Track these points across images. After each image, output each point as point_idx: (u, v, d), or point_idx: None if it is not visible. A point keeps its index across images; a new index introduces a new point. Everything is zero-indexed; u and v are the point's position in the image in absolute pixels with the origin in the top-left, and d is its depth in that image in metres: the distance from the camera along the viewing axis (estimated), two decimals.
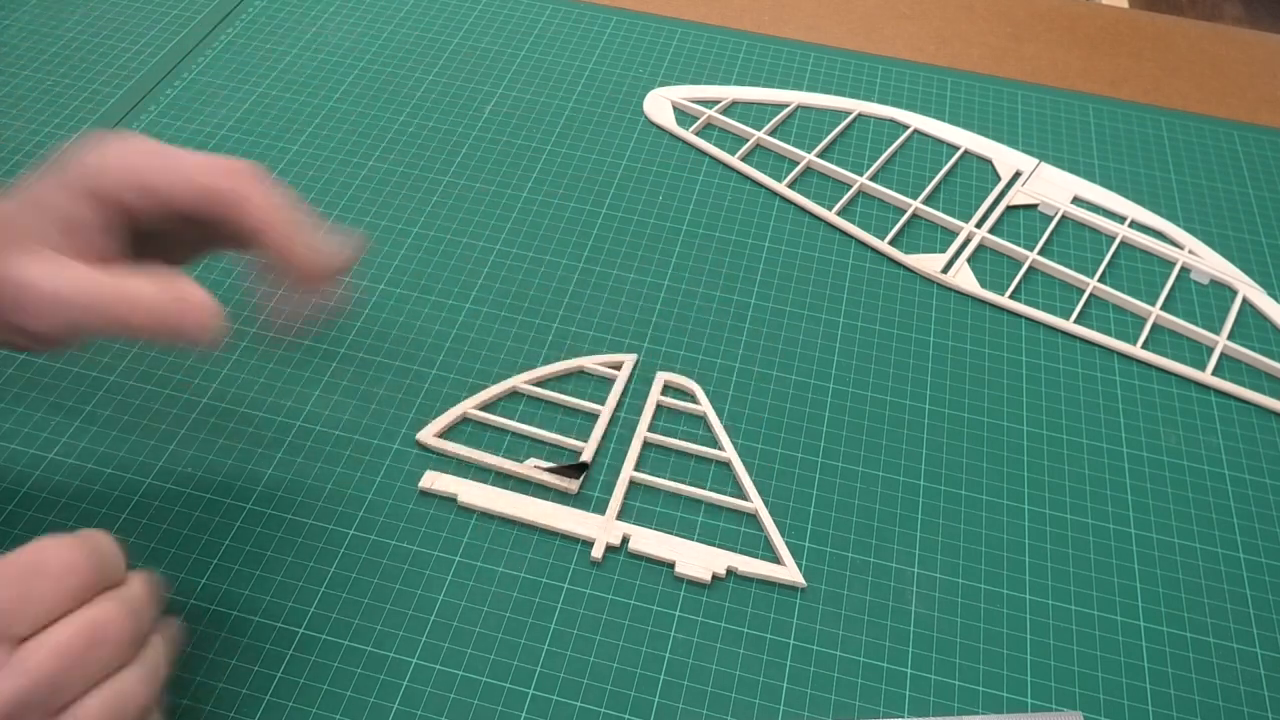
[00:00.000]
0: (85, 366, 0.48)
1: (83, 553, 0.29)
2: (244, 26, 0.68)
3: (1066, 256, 0.57)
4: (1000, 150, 0.63)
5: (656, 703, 0.39)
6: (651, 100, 0.65)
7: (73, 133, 0.60)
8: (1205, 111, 0.68)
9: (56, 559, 0.29)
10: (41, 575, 0.29)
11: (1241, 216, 0.60)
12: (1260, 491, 0.47)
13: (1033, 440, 0.49)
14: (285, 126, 0.61)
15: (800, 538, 0.44)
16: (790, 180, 0.60)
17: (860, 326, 0.53)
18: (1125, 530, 0.46)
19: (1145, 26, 0.75)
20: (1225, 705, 0.40)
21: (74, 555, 0.29)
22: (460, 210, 0.57)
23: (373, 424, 0.47)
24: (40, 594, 0.28)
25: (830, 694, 0.40)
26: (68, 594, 0.29)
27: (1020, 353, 0.52)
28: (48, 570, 0.29)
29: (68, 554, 0.29)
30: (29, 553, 0.29)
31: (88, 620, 0.29)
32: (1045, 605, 0.43)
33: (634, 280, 0.54)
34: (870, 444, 0.48)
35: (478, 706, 0.39)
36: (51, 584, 0.29)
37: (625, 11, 0.72)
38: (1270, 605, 0.43)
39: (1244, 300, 0.56)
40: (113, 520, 0.43)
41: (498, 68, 0.66)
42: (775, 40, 0.70)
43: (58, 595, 0.29)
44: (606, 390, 0.49)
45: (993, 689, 0.40)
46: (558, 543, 0.44)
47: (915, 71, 0.69)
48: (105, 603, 0.30)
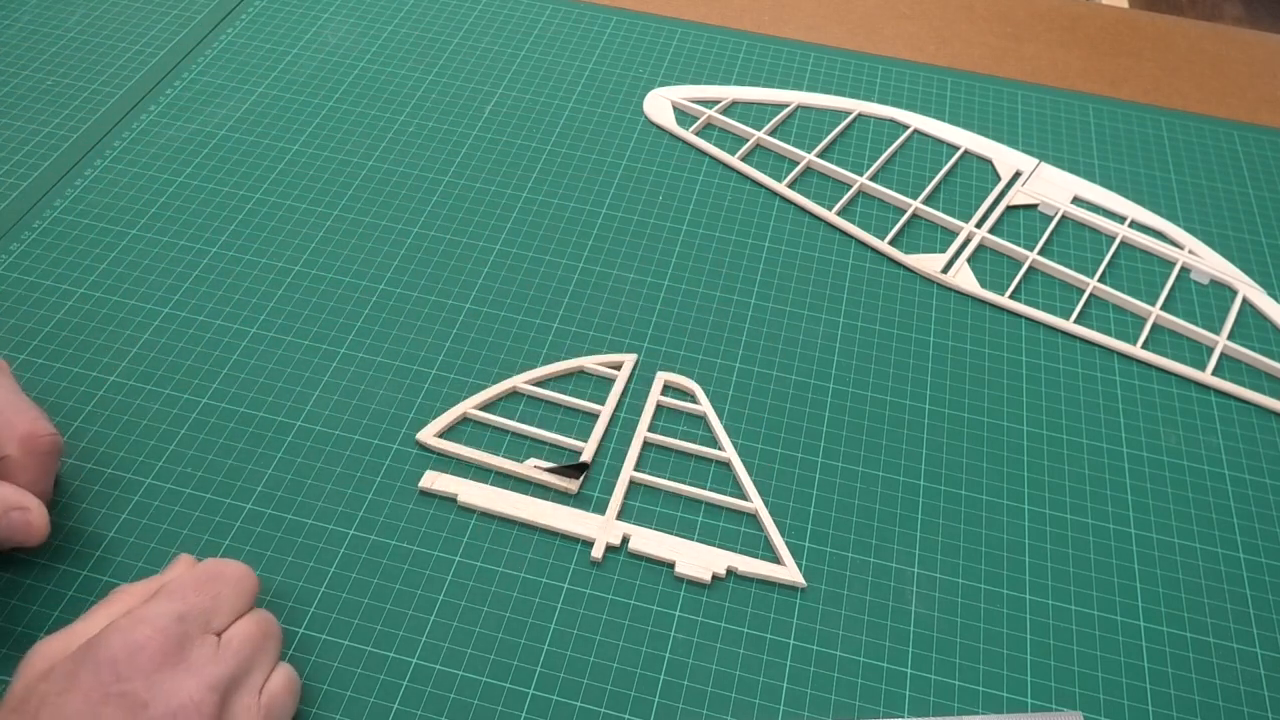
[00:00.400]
0: (85, 367, 0.48)
1: (245, 568, 0.38)
2: (244, 26, 0.68)
3: (1066, 256, 0.57)
4: (1000, 150, 0.63)
5: (656, 703, 0.39)
6: (651, 100, 0.65)
7: (73, 133, 0.60)
8: (1205, 111, 0.68)
9: (231, 571, 0.37)
10: (224, 582, 0.37)
11: (1241, 216, 0.60)
12: (1260, 491, 0.47)
13: (1033, 440, 0.49)
14: (285, 126, 0.61)
15: (800, 538, 0.44)
16: (790, 180, 0.60)
17: (860, 326, 0.53)
18: (1125, 530, 0.46)
19: (1145, 26, 0.75)
20: (1225, 705, 0.40)
21: (240, 568, 0.38)
22: (460, 210, 0.57)
23: (373, 424, 0.47)
24: (225, 597, 0.37)
25: (830, 694, 0.40)
26: (242, 597, 0.37)
27: (1020, 353, 0.52)
28: (227, 579, 0.37)
29: (236, 567, 0.38)
30: (210, 566, 0.37)
31: (261, 616, 0.37)
32: (1045, 605, 0.43)
33: (634, 280, 0.54)
34: (870, 444, 0.48)
35: (478, 706, 0.39)
36: (231, 589, 0.37)
37: (625, 11, 0.72)
38: (1270, 605, 0.43)
39: (1244, 300, 0.56)
40: (113, 520, 0.43)
41: (498, 68, 0.66)
42: (775, 40, 0.70)
43: (236, 598, 0.37)
44: (606, 390, 0.49)
45: (993, 689, 0.40)
46: (558, 543, 0.44)
47: (915, 71, 0.69)
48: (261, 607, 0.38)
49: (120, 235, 0.54)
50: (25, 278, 0.52)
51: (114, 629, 0.34)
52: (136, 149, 0.59)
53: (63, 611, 0.40)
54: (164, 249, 0.54)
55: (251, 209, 0.56)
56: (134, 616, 0.35)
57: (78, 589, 0.41)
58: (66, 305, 0.51)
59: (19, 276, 0.52)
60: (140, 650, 0.33)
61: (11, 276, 0.52)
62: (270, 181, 0.58)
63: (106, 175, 0.57)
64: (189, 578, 0.37)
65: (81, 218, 0.55)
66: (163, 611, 0.35)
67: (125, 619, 0.35)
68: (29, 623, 0.40)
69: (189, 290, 0.52)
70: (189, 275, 0.53)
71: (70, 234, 0.54)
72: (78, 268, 0.53)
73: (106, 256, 0.53)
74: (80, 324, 0.50)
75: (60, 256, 0.53)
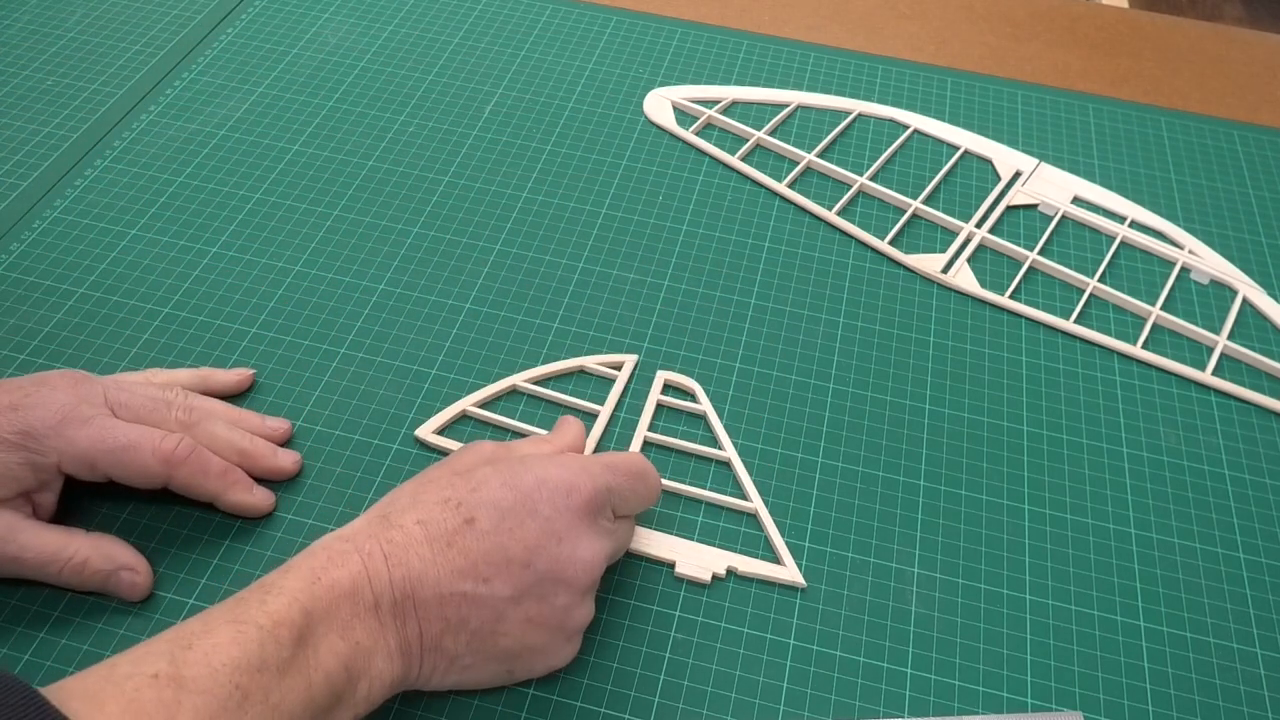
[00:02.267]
0: (85, 367, 0.48)
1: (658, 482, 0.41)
2: (244, 26, 0.68)
3: (1066, 256, 0.57)
4: (1000, 150, 0.63)
5: (656, 703, 0.39)
6: (651, 100, 0.65)
7: (73, 133, 0.60)
8: (1205, 111, 0.68)
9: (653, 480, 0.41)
10: (645, 483, 0.40)
11: (1241, 216, 0.60)
12: (1260, 491, 0.47)
13: (1033, 440, 0.49)
14: (285, 126, 0.61)
15: (800, 538, 0.44)
16: (790, 180, 0.60)
17: (860, 326, 0.53)
18: (1125, 530, 0.46)
19: (1145, 26, 0.75)
20: (1225, 705, 0.40)
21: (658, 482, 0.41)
22: (460, 210, 0.57)
23: (373, 424, 0.47)
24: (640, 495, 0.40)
25: (830, 694, 0.40)
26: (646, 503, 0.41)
27: (1020, 353, 0.52)
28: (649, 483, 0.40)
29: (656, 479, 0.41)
30: (639, 464, 0.40)
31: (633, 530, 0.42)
32: (1045, 605, 0.43)
33: (634, 280, 0.54)
34: (870, 444, 0.48)
35: (478, 706, 0.39)
36: (645, 491, 0.40)
37: (625, 11, 0.72)
38: (1270, 605, 0.43)
39: (1244, 300, 0.56)
40: (113, 520, 0.43)
41: (498, 68, 0.66)
42: (775, 40, 0.70)
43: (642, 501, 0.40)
44: (606, 390, 0.49)
45: (993, 689, 0.40)
46: None
47: (915, 71, 0.69)
48: None
49: (120, 235, 0.54)
50: (25, 278, 0.52)
51: (558, 463, 0.38)
52: (136, 149, 0.59)
53: (63, 611, 0.40)
54: (164, 249, 0.54)
55: (251, 209, 0.56)
56: (575, 463, 0.38)
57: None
58: (66, 305, 0.51)
59: (19, 276, 0.52)
60: (573, 492, 0.37)
61: (11, 276, 0.52)
62: (270, 181, 0.58)
63: (106, 175, 0.57)
64: (626, 464, 0.40)
65: (81, 218, 0.55)
66: (601, 476, 0.38)
67: (567, 458, 0.38)
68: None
69: (189, 290, 0.52)
70: (189, 275, 0.53)
71: (70, 234, 0.54)
72: (78, 268, 0.53)
73: (106, 256, 0.53)
74: (80, 324, 0.50)
75: (60, 256, 0.53)
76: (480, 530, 0.35)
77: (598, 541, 0.37)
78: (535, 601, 0.36)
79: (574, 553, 0.36)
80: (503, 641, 0.36)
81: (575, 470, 0.38)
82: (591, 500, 0.37)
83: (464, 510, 0.36)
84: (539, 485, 0.37)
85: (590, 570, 0.37)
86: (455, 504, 0.36)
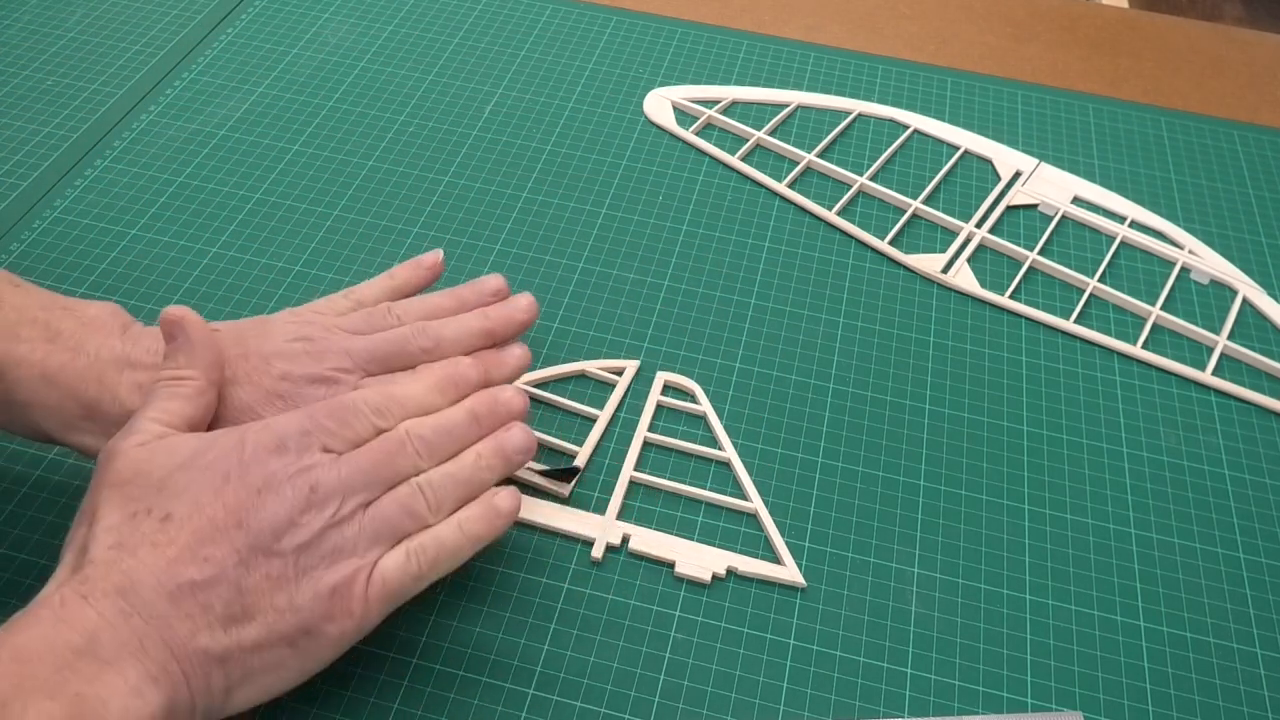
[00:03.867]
0: None
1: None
2: (244, 26, 0.68)
3: (1066, 256, 0.57)
4: (1000, 150, 0.63)
5: (656, 703, 0.39)
6: (651, 100, 0.65)
7: (73, 133, 0.60)
8: (1205, 111, 0.68)
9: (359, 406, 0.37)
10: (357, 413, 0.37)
11: (1241, 216, 0.60)
12: (1260, 491, 0.47)
13: (1033, 440, 0.49)
14: (285, 126, 0.61)
15: (800, 538, 0.44)
16: (790, 180, 0.60)
17: (860, 326, 0.53)
18: (1125, 530, 0.46)
19: (1145, 26, 0.75)
20: (1225, 705, 0.40)
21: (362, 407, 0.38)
22: (460, 210, 0.57)
23: None
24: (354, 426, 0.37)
25: (830, 694, 0.40)
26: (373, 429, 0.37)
27: (1020, 353, 0.52)
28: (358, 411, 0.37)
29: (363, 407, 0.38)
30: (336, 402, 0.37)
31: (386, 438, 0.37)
32: (1045, 605, 0.43)
33: (634, 280, 0.54)
34: (870, 444, 0.48)
35: (478, 706, 0.39)
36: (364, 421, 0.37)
37: (625, 11, 0.72)
38: (1270, 605, 0.43)
39: (1244, 300, 0.56)
40: None
41: (498, 68, 0.66)
42: (775, 40, 0.70)
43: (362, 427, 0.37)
44: (606, 394, 0.49)
45: (993, 689, 0.40)
46: (558, 543, 0.44)
47: (915, 71, 0.69)
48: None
49: (120, 235, 0.54)
50: (25, 278, 0.52)
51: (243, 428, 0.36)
52: (136, 149, 0.59)
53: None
54: (164, 249, 0.54)
55: (251, 209, 0.56)
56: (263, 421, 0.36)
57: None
58: None
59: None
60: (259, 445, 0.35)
61: None
62: (270, 181, 0.58)
63: (106, 175, 0.57)
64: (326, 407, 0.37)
65: (81, 218, 0.55)
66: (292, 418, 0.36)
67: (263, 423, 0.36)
68: None
69: (189, 290, 0.52)
70: (189, 275, 0.53)
71: (70, 234, 0.54)
72: (78, 268, 0.53)
73: (106, 256, 0.53)
74: None
75: (60, 256, 0.53)
76: (180, 518, 0.33)
77: (302, 477, 0.34)
78: (264, 556, 0.33)
79: (278, 495, 0.34)
80: (264, 617, 0.33)
81: (259, 426, 0.36)
82: (276, 440, 0.35)
83: (156, 512, 0.33)
84: (224, 454, 0.35)
85: (303, 508, 0.34)
86: (145, 511, 0.33)
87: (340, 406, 0.37)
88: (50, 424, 0.38)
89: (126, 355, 0.38)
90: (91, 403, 0.38)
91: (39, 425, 0.38)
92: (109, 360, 0.38)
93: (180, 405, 0.37)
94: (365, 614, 0.35)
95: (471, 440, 0.39)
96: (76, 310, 0.39)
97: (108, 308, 0.40)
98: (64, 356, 0.38)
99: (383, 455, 0.37)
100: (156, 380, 0.37)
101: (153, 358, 0.39)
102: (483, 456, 0.39)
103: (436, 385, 0.40)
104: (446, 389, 0.40)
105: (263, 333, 0.41)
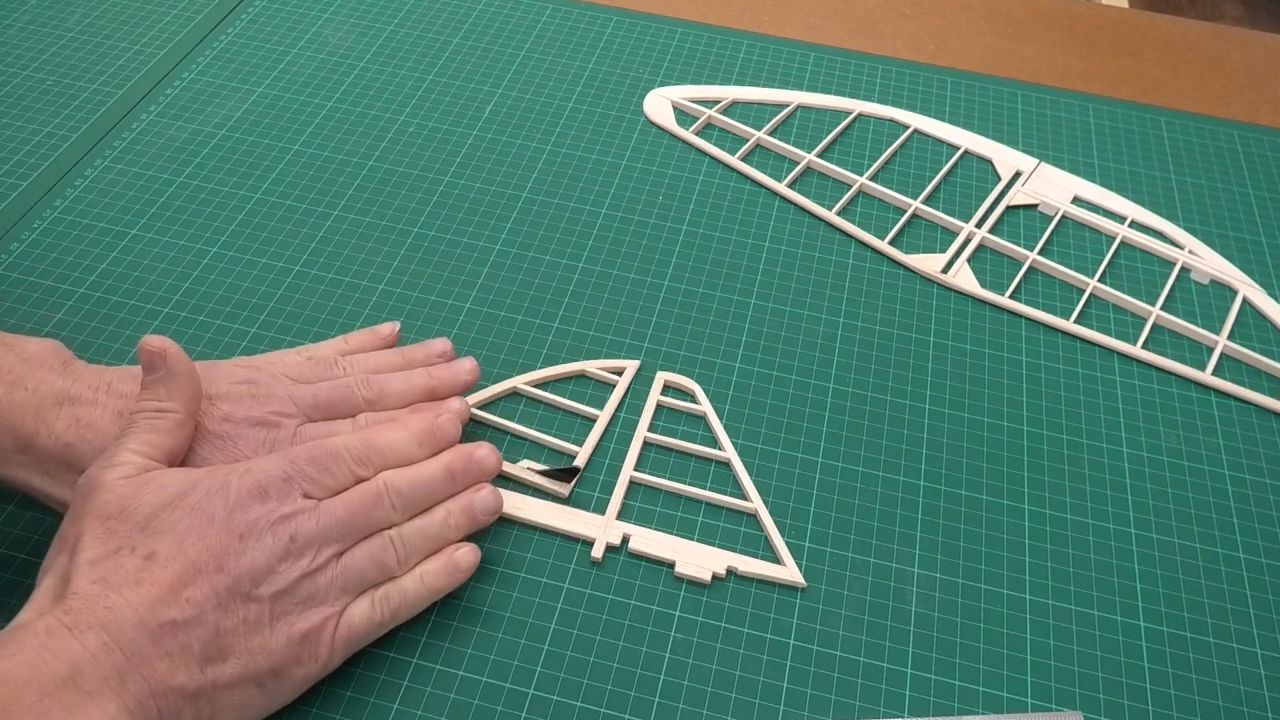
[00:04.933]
0: None
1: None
2: (244, 26, 0.68)
3: (1066, 256, 0.57)
4: (1000, 150, 0.63)
5: (656, 703, 0.39)
6: (651, 100, 0.65)
7: (73, 133, 0.60)
8: (1205, 111, 0.68)
9: (340, 452, 0.39)
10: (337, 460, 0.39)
11: (1241, 216, 0.60)
12: (1260, 491, 0.47)
13: (1033, 440, 0.49)
14: (285, 126, 0.61)
15: (800, 538, 0.44)
16: (790, 180, 0.60)
17: (860, 326, 0.53)
18: (1125, 530, 0.46)
19: (1145, 26, 0.75)
20: (1225, 705, 0.40)
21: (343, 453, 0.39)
22: (460, 210, 0.57)
23: None
24: (335, 473, 0.38)
25: (830, 694, 0.40)
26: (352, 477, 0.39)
27: (1020, 353, 0.52)
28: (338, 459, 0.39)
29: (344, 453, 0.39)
30: (318, 447, 0.39)
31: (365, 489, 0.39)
32: (1045, 605, 0.43)
33: (634, 280, 0.54)
34: (870, 444, 0.48)
35: (478, 706, 0.39)
36: (345, 469, 0.39)
37: (625, 11, 0.72)
38: (1270, 605, 0.43)
39: (1244, 300, 0.56)
40: None
41: (498, 68, 0.66)
42: (775, 40, 0.70)
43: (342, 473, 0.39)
44: (607, 394, 0.49)
45: (993, 689, 0.40)
46: (558, 543, 0.44)
47: (915, 71, 0.69)
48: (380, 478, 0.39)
49: (120, 235, 0.54)
50: (25, 278, 0.52)
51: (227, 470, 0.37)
52: (136, 149, 0.59)
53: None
54: (164, 249, 0.54)
55: (251, 209, 0.56)
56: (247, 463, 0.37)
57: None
58: (66, 305, 0.51)
59: (19, 276, 0.52)
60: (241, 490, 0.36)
61: (11, 276, 0.52)
62: (270, 181, 0.58)
63: (106, 175, 0.57)
64: (307, 451, 0.38)
65: (81, 218, 0.55)
66: (275, 463, 0.37)
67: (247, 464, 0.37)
68: None
69: (189, 290, 0.52)
70: (189, 275, 0.53)
71: (70, 234, 0.54)
72: (78, 268, 0.53)
73: (106, 256, 0.53)
74: (80, 324, 0.50)
75: (60, 256, 0.53)
76: (163, 559, 0.34)
77: (283, 525, 0.36)
78: (243, 601, 0.34)
79: (259, 543, 0.35)
80: (238, 659, 0.34)
81: (242, 470, 0.37)
82: (259, 486, 0.36)
83: (140, 550, 0.34)
84: (208, 497, 0.36)
85: (281, 556, 0.35)
86: (130, 548, 0.34)
87: (323, 453, 0.38)
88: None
89: (66, 391, 0.39)
90: (28, 437, 0.38)
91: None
92: (47, 395, 0.39)
93: (161, 438, 0.37)
94: (330, 658, 0.37)
95: (444, 495, 0.41)
96: (16, 346, 0.40)
97: (48, 344, 0.41)
98: (1, 391, 0.38)
99: (360, 507, 0.38)
100: (136, 411, 0.38)
101: (93, 393, 0.40)
102: (452, 514, 0.40)
103: (416, 437, 0.41)
104: (426, 441, 0.41)
105: (209, 376, 0.42)
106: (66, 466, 0.38)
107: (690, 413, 0.49)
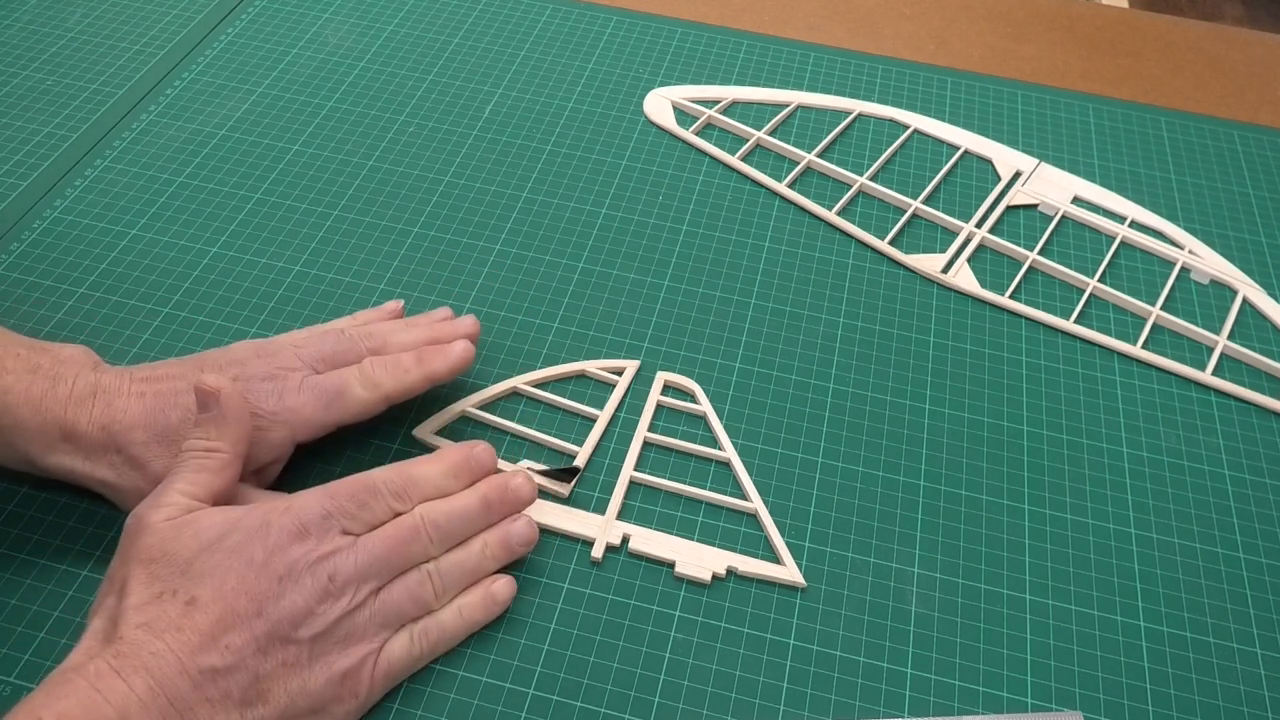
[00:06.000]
0: None
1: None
2: (244, 26, 0.68)
3: (1066, 256, 0.57)
4: (1000, 150, 0.63)
5: (656, 703, 0.39)
6: (651, 100, 0.65)
7: (73, 133, 0.60)
8: (1205, 111, 0.68)
9: (375, 485, 0.39)
10: (375, 494, 0.39)
11: (1241, 216, 0.60)
12: (1260, 491, 0.47)
13: (1033, 440, 0.49)
14: (285, 126, 0.61)
15: (800, 538, 0.44)
16: (790, 180, 0.60)
17: (860, 326, 0.53)
18: (1125, 530, 0.46)
19: (1145, 26, 0.75)
20: (1225, 705, 0.40)
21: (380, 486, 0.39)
22: (460, 210, 0.57)
23: (372, 422, 0.47)
24: (373, 508, 0.39)
25: (830, 694, 0.40)
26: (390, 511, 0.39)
27: (1020, 353, 0.52)
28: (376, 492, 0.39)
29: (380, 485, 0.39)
30: (356, 481, 0.39)
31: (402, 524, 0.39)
32: (1045, 605, 0.43)
33: (634, 280, 0.54)
34: (870, 444, 0.48)
35: (478, 706, 0.39)
36: (383, 504, 0.39)
37: (625, 11, 0.72)
38: (1270, 605, 0.43)
39: (1244, 300, 0.56)
40: (114, 520, 0.43)
41: (498, 68, 0.66)
42: (775, 40, 0.70)
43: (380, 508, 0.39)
44: (607, 394, 0.49)
45: (993, 689, 0.40)
46: (558, 543, 0.44)
47: (915, 71, 0.69)
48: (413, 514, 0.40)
49: (120, 235, 0.54)
50: (25, 278, 0.52)
51: (266, 508, 0.37)
52: (136, 149, 0.59)
53: (63, 611, 0.40)
54: (164, 249, 0.54)
55: (251, 209, 0.56)
56: (285, 500, 0.38)
57: (78, 589, 0.41)
58: (67, 305, 0.51)
59: (19, 276, 0.52)
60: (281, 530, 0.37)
61: (11, 276, 0.52)
62: (270, 181, 0.58)
63: (106, 175, 0.57)
64: (345, 486, 0.39)
65: (81, 218, 0.55)
66: (312, 502, 0.38)
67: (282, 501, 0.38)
68: None
69: (189, 290, 0.52)
70: (189, 275, 0.53)
71: (70, 234, 0.54)
72: (78, 268, 0.53)
73: (106, 256, 0.53)
74: (80, 324, 0.50)
75: (60, 256, 0.53)
76: (204, 604, 0.35)
77: (321, 565, 0.36)
78: (282, 644, 0.35)
79: (298, 585, 0.36)
80: (277, 701, 0.35)
81: (281, 508, 0.37)
82: (299, 525, 0.37)
83: (181, 594, 0.35)
84: (248, 538, 0.36)
85: (320, 597, 0.36)
86: (171, 592, 0.35)
87: (361, 488, 0.39)
88: (33, 447, 0.40)
89: (99, 383, 0.41)
90: (70, 425, 0.40)
91: (22, 449, 0.40)
92: (84, 388, 0.41)
93: (208, 478, 0.38)
94: (370, 695, 0.37)
95: (480, 527, 0.41)
96: (53, 351, 0.42)
97: (80, 348, 0.43)
98: (45, 385, 0.40)
99: (397, 543, 0.38)
100: (185, 450, 0.39)
101: (120, 383, 0.41)
102: (489, 546, 0.41)
103: (452, 470, 0.41)
104: (461, 473, 0.41)
105: (223, 351, 0.44)
106: (104, 448, 0.40)
107: (690, 413, 0.49)
